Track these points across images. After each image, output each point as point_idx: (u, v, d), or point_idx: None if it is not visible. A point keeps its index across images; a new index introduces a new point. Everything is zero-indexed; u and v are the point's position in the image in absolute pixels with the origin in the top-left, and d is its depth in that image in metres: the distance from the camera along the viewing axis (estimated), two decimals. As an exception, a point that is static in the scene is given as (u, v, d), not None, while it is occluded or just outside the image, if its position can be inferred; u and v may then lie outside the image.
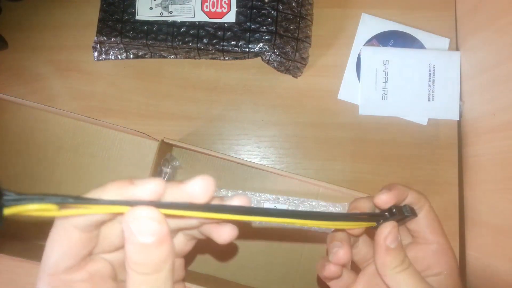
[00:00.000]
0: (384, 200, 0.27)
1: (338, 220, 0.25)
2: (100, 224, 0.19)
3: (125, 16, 0.49)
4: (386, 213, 0.27)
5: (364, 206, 0.29)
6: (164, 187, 0.18)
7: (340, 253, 0.27)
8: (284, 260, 0.50)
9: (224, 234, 0.22)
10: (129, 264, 0.17)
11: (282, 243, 0.50)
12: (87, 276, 0.19)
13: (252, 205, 0.24)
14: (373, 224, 0.27)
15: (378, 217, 0.27)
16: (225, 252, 0.51)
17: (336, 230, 0.29)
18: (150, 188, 0.18)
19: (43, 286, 0.19)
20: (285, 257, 0.50)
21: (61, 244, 0.19)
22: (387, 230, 0.26)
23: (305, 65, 0.51)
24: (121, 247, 0.21)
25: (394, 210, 0.27)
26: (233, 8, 0.48)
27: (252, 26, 0.48)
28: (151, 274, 0.17)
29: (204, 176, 0.19)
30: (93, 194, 0.18)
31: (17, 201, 0.16)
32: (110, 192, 0.18)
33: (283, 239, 0.51)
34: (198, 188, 0.19)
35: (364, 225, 0.26)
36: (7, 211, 0.16)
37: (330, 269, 0.28)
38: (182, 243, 0.24)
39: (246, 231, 0.51)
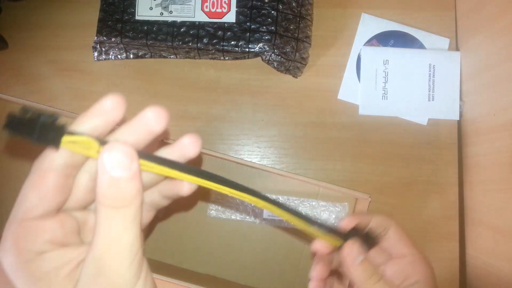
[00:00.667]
0: (346, 223, 0.31)
1: (312, 224, 0.27)
2: (76, 167, 0.20)
3: (125, 16, 0.49)
4: (351, 235, 0.31)
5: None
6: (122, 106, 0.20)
7: (315, 270, 0.32)
8: (284, 260, 0.50)
9: (185, 185, 0.23)
10: (99, 199, 0.18)
11: (282, 243, 0.50)
12: (59, 225, 0.19)
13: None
14: (338, 243, 0.29)
15: (346, 237, 0.30)
16: (225, 252, 0.51)
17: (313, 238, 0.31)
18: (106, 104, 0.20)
19: (10, 233, 0.18)
20: (285, 257, 0.50)
21: (38, 188, 0.18)
22: (348, 248, 0.29)
23: (305, 65, 0.51)
24: (86, 204, 0.21)
25: (358, 234, 0.31)
26: (233, 8, 0.48)
27: (252, 26, 0.48)
28: (120, 208, 0.18)
29: (156, 106, 0.21)
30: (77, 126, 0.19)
31: (71, 133, 0.18)
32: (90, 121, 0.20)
33: (283, 239, 0.51)
34: (152, 115, 0.20)
35: (330, 240, 0.29)
36: (65, 138, 0.18)
37: (312, 284, 0.32)
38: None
39: (246, 231, 0.51)
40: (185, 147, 0.23)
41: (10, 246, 0.18)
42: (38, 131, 0.18)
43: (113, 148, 0.17)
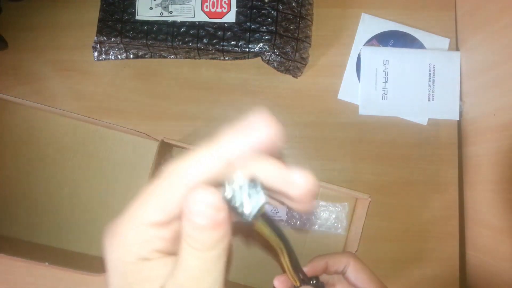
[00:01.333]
0: (306, 272, 0.33)
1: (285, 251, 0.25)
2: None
3: (125, 16, 0.49)
4: (312, 282, 0.33)
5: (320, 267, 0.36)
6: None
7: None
8: (284, 260, 0.50)
9: (296, 182, 0.19)
10: (183, 236, 0.18)
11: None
12: (172, 235, 0.19)
13: None
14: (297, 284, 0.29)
15: (303, 281, 0.29)
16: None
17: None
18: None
19: (124, 232, 0.18)
20: (285, 257, 0.50)
21: (162, 197, 0.18)
22: None
23: (305, 65, 0.51)
24: None
25: (315, 281, 0.34)
26: (233, 8, 0.48)
27: (252, 26, 0.48)
28: (203, 251, 0.18)
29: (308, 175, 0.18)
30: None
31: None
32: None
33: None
34: (299, 183, 0.18)
35: (293, 280, 0.28)
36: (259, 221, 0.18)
37: None
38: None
39: (246, 231, 0.51)
40: (294, 185, 0.18)
41: (121, 245, 0.18)
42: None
43: (196, 199, 0.17)
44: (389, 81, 0.51)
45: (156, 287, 0.18)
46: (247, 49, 0.48)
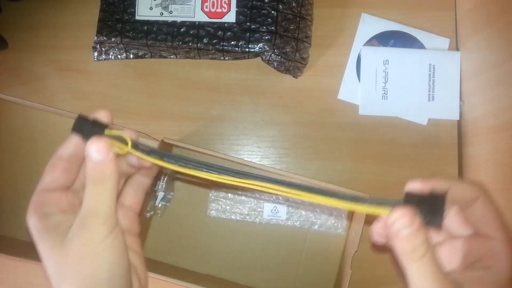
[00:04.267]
0: (412, 188, 0.25)
1: (352, 201, 0.24)
2: (79, 158, 0.27)
3: (125, 16, 0.49)
4: (402, 200, 0.25)
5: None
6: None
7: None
8: (284, 260, 0.50)
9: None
10: (86, 178, 0.26)
11: (282, 243, 0.50)
12: (64, 197, 0.27)
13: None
14: (386, 211, 0.24)
15: (403, 202, 0.25)
16: (225, 252, 0.51)
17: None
18: None
19: (33, 201, 0.26)
20: (285, 257, 0.50)
21: (52, 170, 0.27)
22: (395, 215, 0.24)
23: (305, 65, 0.51)
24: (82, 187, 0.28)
25: (419, 200, 0.25)
26: (233, 8, 0.48)
27: (252, 26, 0.48)
28: (98, 185, 0.25)
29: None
30: None
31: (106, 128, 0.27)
32: None
33: (283, 239, 0.51)
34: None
35: (378, 211, 0.25)
36: (107, 132, 0.26)
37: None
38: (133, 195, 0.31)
39: (246, 231, 0.51)
40: None
41: (33, 209, 0.25)
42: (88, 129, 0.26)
43: (94, 141, 0.25)
44: (389, 81, 0.51)
45: (65, 227, 0.26)
46: (247, 49, 0.48)
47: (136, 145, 0.27)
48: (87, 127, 0.26)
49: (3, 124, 0.52)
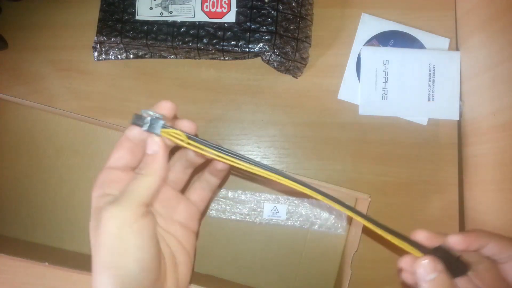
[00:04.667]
0: (454, 242, 0.29)
1: (388, 231, 0.29)
2: (144, 140, 0.29)
3: (125, 16, 0.49)
4: (433, 251, 0.29)
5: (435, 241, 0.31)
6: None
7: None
8: (284, 260, 0.50)
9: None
10: (139, 168, 0.28)
11: (282, 243, 0.50)
12: (126, 178, 0.28)
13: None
14: (419, 254, 0.29)
15: (434, 252, 0.29)
16: (225, 252, 0.51)
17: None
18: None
19: (100, 176, 0.28)
20: (285, 257, 0.50)
21: (118, 149, 0.28)
22: (423, 261, 0.28)
23: (305, 65, 0.51)
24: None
25: (446, 254, 0.29)
26: (233, 8, 0.48)
27: (252, 26, 0.48)
28: (146, 174, 0.27)
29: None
30: None
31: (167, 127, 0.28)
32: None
33: (283, 239, 0.51)
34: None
35: (409, 248, 0.29)
36: (163, 131, 0.28)
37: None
38: (180, 171, 0.33)
39: (246, 231, 0.51)
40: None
41: (96, 187, 0.27)
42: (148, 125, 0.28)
43: (153, 140, 0.28)
44: (389, 81, 0.51)
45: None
46: (247, 49, 0.48)
47: (193, 139, 0.28)
48: (145, 120, 0.29)
49: (3, 124, 0.52)
